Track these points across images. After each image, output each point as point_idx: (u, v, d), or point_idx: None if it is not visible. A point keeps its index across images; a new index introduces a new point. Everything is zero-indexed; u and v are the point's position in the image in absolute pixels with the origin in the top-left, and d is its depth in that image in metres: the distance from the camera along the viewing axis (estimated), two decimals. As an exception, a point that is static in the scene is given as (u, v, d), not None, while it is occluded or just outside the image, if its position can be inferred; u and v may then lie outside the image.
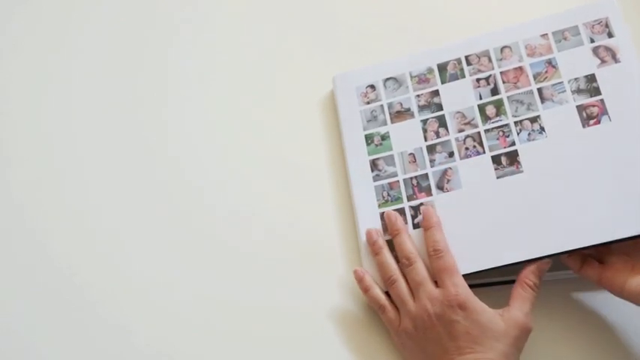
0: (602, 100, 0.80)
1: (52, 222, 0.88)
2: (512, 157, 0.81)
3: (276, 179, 0.89)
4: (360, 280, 0.80)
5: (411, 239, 0.80)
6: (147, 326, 0.82)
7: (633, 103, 0.79)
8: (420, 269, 0.78)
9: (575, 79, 0.82)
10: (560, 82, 0.83)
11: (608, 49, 0.82)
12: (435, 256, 0.78)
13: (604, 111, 0.80)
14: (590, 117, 0.80)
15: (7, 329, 0.83)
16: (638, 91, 0.80)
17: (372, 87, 0.89)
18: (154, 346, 0.81)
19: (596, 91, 0.81)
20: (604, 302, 0.79)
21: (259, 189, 0.88)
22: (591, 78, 0.82)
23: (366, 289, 0.80)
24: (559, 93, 0.82)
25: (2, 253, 0.87)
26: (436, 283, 0.77)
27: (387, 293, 0.80)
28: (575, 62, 0.83)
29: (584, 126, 0.80)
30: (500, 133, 0.83)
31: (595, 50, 0.83)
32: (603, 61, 0.82)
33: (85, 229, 0.87)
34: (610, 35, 0.83)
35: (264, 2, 0.99)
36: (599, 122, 0.80)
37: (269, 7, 0.99)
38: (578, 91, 0.82)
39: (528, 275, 0.76)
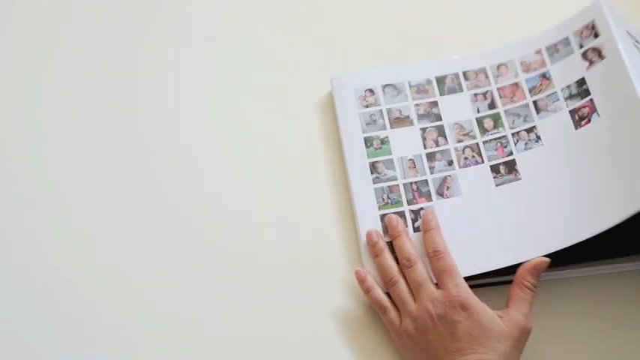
0: (591, 100, 0.83)
1: (51, 221, 0.86)
2: (511, 166, 0.84)
3: (275, 180, 0.88)
4: (361, 280, 0.81)
5: (411, 241, 0.82)
6: (147, 327, 0.80)
7: (619, 94, 0.81)
8: (421, 270, 0.79)
9: (568, 86, 0.86)
10: (554, 92, 0.86)
11: (595, 49, 0.86)
12: (435, 257, 0.79)
13: (593, 109, 0.83)
14: (581, 118, 0.83)
15: (6, 329, 0.80)
16: (623, 80, 0.81)
17: (371, 91, 0.91)
18: (154, 346, 0.79)
19: (586, 93, 0.84)
20: (604, 302, 0.81)
21: (259, 191, 0.88)
22: (581, 82, 0.85)
23: (367, 290, 0.80)
24: (553, 102, 0.86)
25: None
26: (436, 285, 0.79)
27: (387, 294, 0.81)
28: (567, 70, 0.86)
29: (576, 128, 0.83)
30: (499, 144, 0.86)
31: (584, 54, 0.86)
32: (591, 63, 0.85)
33: (84, 229, 0.85)
34: (596, 36, 0.86)
35: (263, 3, 0.99)
36: (589, 121, 0.83)
37: (268, 8, 0.99)
38: (570, 96, 0.85)
39: (525, 276, 0.77)
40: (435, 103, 0.89)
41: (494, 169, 0.84)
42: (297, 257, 0.84)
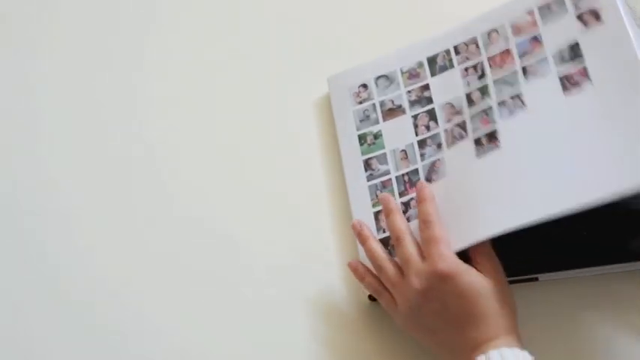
0: (584, 68, 0.76)
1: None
2: (492, 136, 0.79)
3: (274, 181, 0.90)
4: (354, 270, 0.80)
5: (402, 218, 0.79)
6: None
7: (615, 63, 0.74)
8: (408, 246, 0.76)
9: (560, 50, 0.78)
10: (544, 58, 0.79)
11: (592, 11, 0.77)
12: (424, 227, 0.76)
13: (586, 77, 0.76)
14: (571, 84, 0.76)
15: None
16: (622, 48, 0.74)
17: (365, 86, 0.90)
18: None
19: (579, 59, 0.77)
20: (604, 302, 0.78)
21: (255, 190, 0.90)
22: (575, 46, 0.77)
23: (361, 278, 0.80)
24: (543, 67, 0.79)
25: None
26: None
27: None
28: (560, 33, 0.79)
29: (565, 93, 0.76)
30: (484, 115, 0.81)
31: (580, 16, 0.78)
32: (587, 25, 0.77)
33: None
34: None
35: (261, 3, 1.01)
36: (580, 89, 0.76)
37: (266, 8, 1.00)
38: (562, 61, 0.78)
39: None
40: (426, 87, 0.86)
41: (478, 141, 0.80)
42: (295, 255, 0.85)
